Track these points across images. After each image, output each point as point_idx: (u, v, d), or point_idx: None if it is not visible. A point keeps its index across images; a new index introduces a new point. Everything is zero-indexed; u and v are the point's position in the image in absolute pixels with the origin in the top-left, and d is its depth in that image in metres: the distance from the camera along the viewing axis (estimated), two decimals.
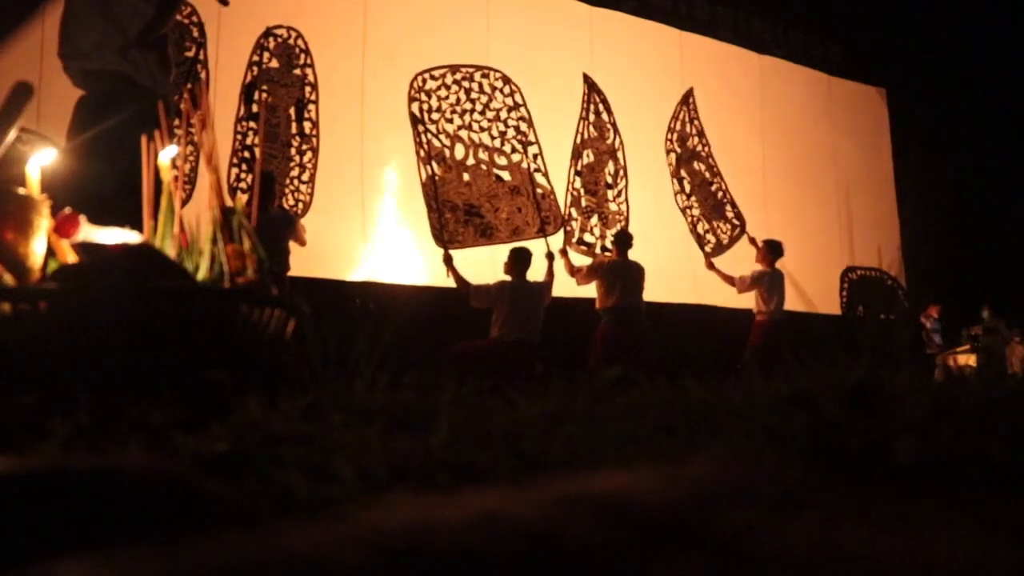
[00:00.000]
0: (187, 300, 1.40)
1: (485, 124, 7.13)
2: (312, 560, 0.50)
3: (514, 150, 7.18)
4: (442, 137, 6.91)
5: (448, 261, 5.67)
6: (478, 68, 7.19)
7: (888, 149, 9.78)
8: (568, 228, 7.36)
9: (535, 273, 5.64)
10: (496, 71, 7.25)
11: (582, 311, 6.10)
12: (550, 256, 5.82)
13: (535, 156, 7.26)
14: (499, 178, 7.06)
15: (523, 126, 7.28)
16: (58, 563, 0.49)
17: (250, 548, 0.52)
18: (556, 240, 6.75)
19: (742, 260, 7.13)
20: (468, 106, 7.09)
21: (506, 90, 7.29)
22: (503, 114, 7.22)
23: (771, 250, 6.50)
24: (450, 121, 6.98)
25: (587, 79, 7.73)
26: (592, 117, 7.75)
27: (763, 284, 6.35)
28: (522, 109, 7.31)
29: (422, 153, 6.70)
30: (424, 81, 6.94)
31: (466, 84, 7.13)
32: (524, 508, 0.60)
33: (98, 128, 2.63)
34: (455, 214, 6.76)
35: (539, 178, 7.19)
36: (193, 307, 1.39)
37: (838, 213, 9.11)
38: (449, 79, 7.06)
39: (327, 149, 6.44)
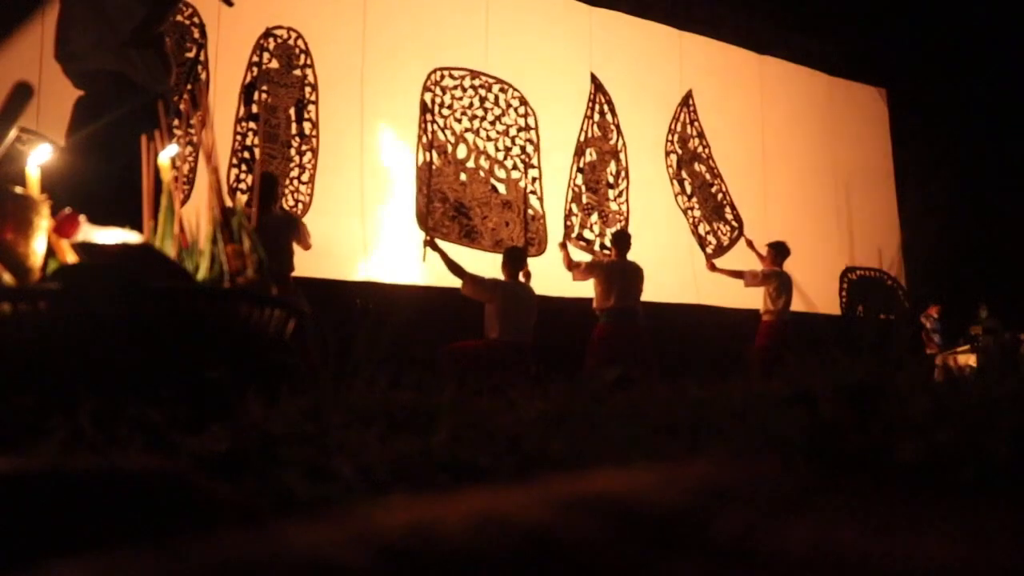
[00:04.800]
0: (187, 300, 1.40)
1: (493, 135, 7.13)
2: (312, 560, 0.50)
3: (515, 167, 7.19)
4: (447, 132, 6.92)
5: (433, 244, 5.66)
6: (498, 81, 7.21)
7: (888, 149, 9.76)
8: (568, 223, 7.37)
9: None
10: (516, 90, 7.27)
11: (579, 312, 6.09)
12: (527, 275, 5.77)
13: (534, 179, 7.28)
14: (495, 189, 7.07)
15: (529, 148, 7.29)
16: (58, 563, 0.49)
17: (250, 548, 0.52)
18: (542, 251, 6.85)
19: (742, 262, 7.13)
20: (480, 113, 7.10)
21: (521, 110, 7.30)
22: (512, 131, 7.23)
23: (778, 252, 6.55)
24: (459, 121, 6.99)
25: (594, 79, 7.74)
26: (597, 117, 7.76)
27: (772, 284, 6.38)
28: (532, 133, 7.32)
29: (424, 140, 6.71)
30: (442, 76, 6.94)
31: (483, 92, 7.14)
32: (524, 508, 0.60)
33: (97, 128, 2.63)
34: (444, 205, 6.77)
35: (533, 200, 7.21)
36: (193, 307, 1.39)
37: (838, 213, 9.10)
38: (467, 83, 7.07)
39: (327, 149, 6.44)
